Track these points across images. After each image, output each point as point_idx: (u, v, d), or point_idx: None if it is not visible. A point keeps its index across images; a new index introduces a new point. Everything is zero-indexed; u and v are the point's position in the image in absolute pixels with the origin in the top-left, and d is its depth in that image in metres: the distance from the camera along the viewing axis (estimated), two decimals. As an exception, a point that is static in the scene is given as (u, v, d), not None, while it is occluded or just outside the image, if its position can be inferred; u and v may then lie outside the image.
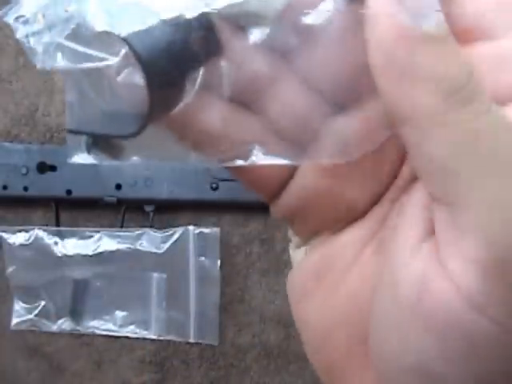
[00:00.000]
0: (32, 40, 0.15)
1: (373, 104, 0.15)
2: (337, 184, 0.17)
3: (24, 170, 0.55)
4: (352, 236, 0.17)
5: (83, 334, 0.59)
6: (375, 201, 0.17)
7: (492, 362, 0.13)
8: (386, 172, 0.17)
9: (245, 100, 0.16)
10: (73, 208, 0.60)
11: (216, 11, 0.14)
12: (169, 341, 0.59)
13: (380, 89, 0.14)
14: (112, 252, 0.58)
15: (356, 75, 0.15)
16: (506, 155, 0.13)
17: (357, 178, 0.17)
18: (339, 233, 0.17)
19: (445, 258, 0.13)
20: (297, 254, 0.19)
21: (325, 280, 0.18)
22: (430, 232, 0.14)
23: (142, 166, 0.57)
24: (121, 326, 0.59)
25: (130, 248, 0.58)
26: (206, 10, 0.14)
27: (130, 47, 0.14)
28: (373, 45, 0.13)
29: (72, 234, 0.58)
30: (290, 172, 0.17)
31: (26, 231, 0.57)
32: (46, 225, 0.58)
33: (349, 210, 0.17)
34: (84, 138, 0.17)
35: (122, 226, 0.58)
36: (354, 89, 0.15)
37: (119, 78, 0.15)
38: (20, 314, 0.58)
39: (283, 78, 0.15)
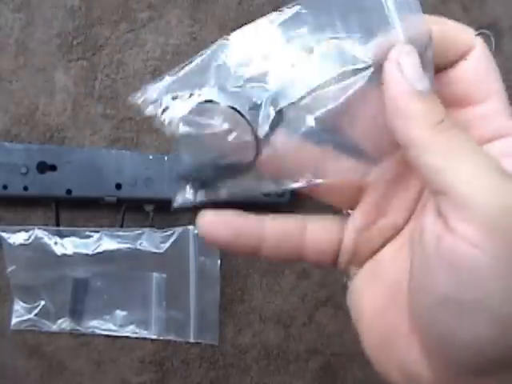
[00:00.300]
0: (161, 115, 0.23)
1: (393, 155, 0.24)
2: (382, 217, 0.25)
3: (24, 170, 0.55)
4: (393, 245, 0.26)
5: (83, 334, 0.59)
6: (407, 220, 0.26)
7: (492, 286, 0.20)
8: (412, 201, 0.25)
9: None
10: (73, 208, 0.60)
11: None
12: (169, 341, 0.59)
13: (393, 129, 0.22)
14: (112, 252, 0.57)
15: (382, 136, 0.23)
16: (469, 158, 0.21)
17: (395, 209, 0.25)
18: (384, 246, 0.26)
19: (453, 224, 0.20)
20: (351, 283, 0.27)
21: (376, 276, 0.26)
22: (439, 214, 0.21)
23: (142, 166, 0.57)
24: (121, 326, 0.59)
25: (129, 248, 0.58)
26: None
27: (245, 119, 0.23)
28: (387, 101, 0.22)
29: (72, 234, 0.58)
30: (339, 232, 0.26)
31: (26, 231, 0.57)
32: (46, 224, 0.58)
33: (392, 233, 0.26)
34: (191, 183, 0.24)
35: (121, 226, 0.58)
36: (381, 145, 0.24)
37: (230, 138, 0.23)
38: (20, 313, 0.58)
39: (331, 152, 0.25)
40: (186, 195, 0.25)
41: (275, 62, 0.23)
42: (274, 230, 0.25)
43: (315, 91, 0.22)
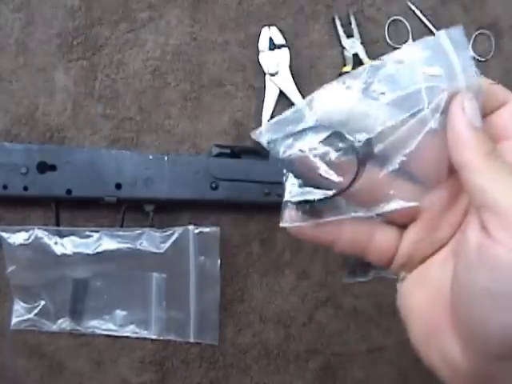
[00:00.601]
0: (281, 149, 0.29)
1: (445, 183, 0.30)
2: (433, 233, 0.31)
3: (24, 170, 0.55)
4: (440, 254, 0.31)
5: (83, 334, 0.59)
6: (453, 234, 0.31)
7: None
8: (458, 220, 0.31)
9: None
10: (73, 208, 0.60)
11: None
12: (169, 341, 0.59)
13: (452, 155, 0.28)
14: (112, 252, 0.57)
15: (439, 166, 0.30)
16: (509, 181, 0.26)
17: (444, 227, 0.31)
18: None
19: (493, 233, 0.26)
20: (401, 285, 0.32)
21: (423, 280, 0.31)
22: (482, 227, 0.27)
23: (142, 166, 0.57)
24: (121, 326, 0.59)
25: (129, 248, 0.58)
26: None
27: (350, 143, 0.29)
28: (450, 133, 0.28)
29: (72, 234, 0.58)
30: (397, 241, 0.32)
31: (26, 231, 0.57)
32: (46, 224, 0.58)
33: (440, 245, 0.31)
34: (297, 206, 0.30)
35: (121, 226, 0.58)
36: (437, 175, 0.30)
37: (333, 157, 0.29)
38: (20, 313, 0.58)
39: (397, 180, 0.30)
40: (293, 216, 0.30)
41: (356, 109, 0.29)
42: (349, 231, 0.31)
43: (395, 130, 0.29)
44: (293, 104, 0.62)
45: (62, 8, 0.63)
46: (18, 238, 0.57)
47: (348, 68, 0.63)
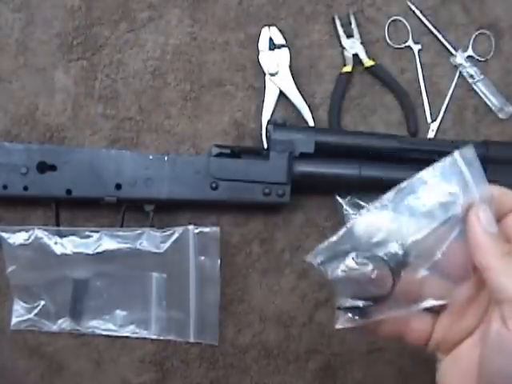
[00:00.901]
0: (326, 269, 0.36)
1: (470, 279, 0.36)
2: (461, 321, 0.37)
3: (24, 170, 0.55)
4: (468, 341, 0.37)
5: (83, 334, 0.59)
6: (479, 323, 0.36)
7: None
8: (483, 311, 0.36)
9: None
10: (73, 208, 0.60)
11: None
12: (169, 341, 0.59)
13: (473, 257, 0.34)
14: (112, 252, 0.57)
15: (466, 264, 0.35)
16: None
17: (471, 316, 0.36)
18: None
19: (510, 325, 0.31)
20: (439, 365, 0.38)
21: (455, 363, 0.37)
22: (503, 320, 0.32)
23: (142, 166, 0.57)
24: (121, 326, 0.59)
25: (129, 248, 0.58)
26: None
27: (384, 262, 0.35)
28: (469, 239, 0.34)
29: (72, 234, 0.58)
30: (432, 326, 0.38)
31: (26, 231, 0.57)
32: (46, 224, 0.58)
33: (468, 332, 0.36)
34: (348, 311, 0.37)
35: (121, 226, 0.58)
36: (464, 271, 0.36)
37: (374, 275, 0.35)
38: (20, 313, 0.58)
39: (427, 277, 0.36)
40: (345, 320, 0.37)
41: (390, 227, 0.35)
42: (390, 321, 0.37)
43: (423, 241, 0.35)
44: (293, 104, 0.63)
45: (62, 8, 0.63)
46: (18, 237, 0.57)
47: (348, 68, 0.63)
